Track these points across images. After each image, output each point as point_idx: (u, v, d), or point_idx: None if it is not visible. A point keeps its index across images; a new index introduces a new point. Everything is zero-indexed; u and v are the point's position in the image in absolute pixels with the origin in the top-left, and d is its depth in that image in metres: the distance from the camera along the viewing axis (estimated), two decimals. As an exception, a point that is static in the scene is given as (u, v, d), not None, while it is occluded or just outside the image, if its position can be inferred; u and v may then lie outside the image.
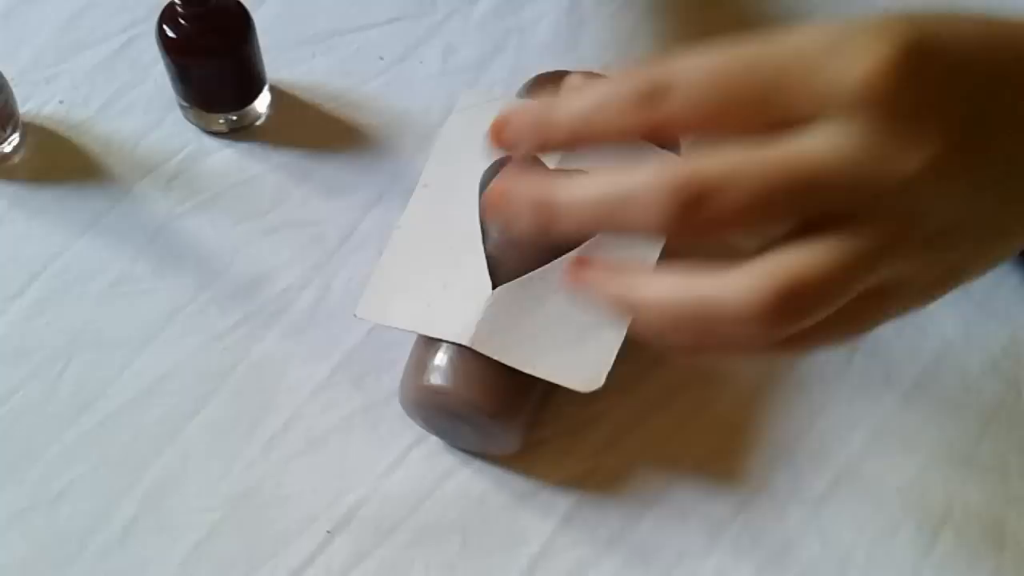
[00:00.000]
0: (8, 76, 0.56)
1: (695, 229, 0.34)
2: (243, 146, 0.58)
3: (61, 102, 0.59)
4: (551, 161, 0.47)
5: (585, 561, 0.48)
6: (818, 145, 0.33)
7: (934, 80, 0.33)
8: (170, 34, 0.54)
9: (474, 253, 0.46)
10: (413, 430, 0.50)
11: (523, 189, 0.37)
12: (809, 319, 0.34)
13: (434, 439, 0.50)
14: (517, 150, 0.38)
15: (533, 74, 0.52)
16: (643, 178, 0.34)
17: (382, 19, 0.62)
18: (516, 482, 0.50)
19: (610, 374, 0.45)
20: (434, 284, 0.47)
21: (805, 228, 0.34)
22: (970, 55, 0.35)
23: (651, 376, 0.52)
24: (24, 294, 0.54)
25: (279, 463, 0.50)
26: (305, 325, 0.53)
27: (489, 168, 0.49)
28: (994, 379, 0.53)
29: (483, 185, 0.49)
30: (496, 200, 0.37)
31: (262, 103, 0.58)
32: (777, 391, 0.52)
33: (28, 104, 0.59)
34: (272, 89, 0.59)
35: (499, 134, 0.38)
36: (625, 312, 0.36)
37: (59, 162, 0.57)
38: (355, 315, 0.47)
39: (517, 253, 0.47)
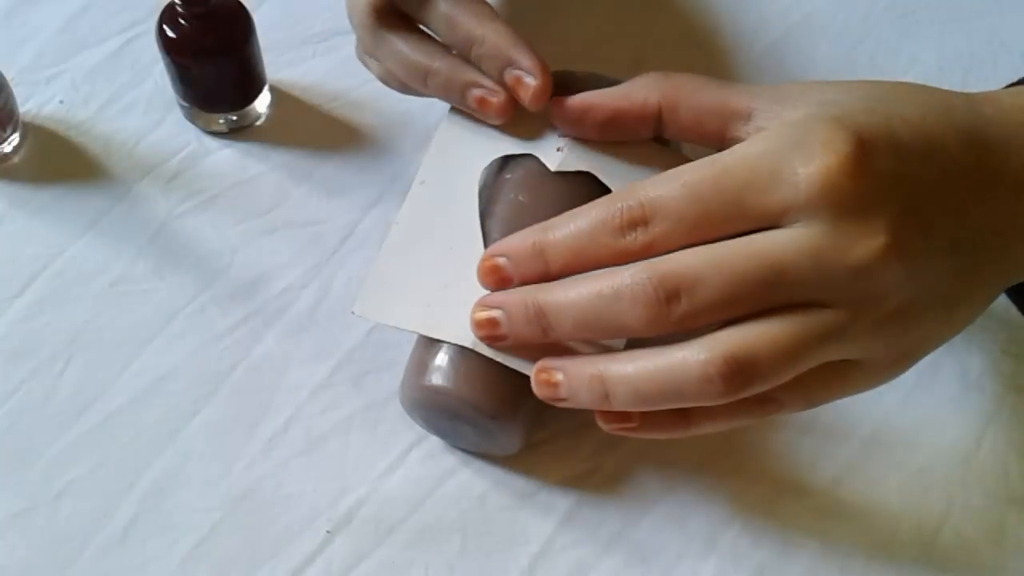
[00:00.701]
0: (8, 76, 0.56)
1: (674, 323, 0.38)
2: (243, 146, 0.58)
3: (61, 102, 0.59)
4: (552, 163, 0.47)
5: (585, 561, 0.48)
6: (783, 240, 0.37)
7: (879, 174, 0.37)
8: (170, 34, 0.54)
9: (474, 253, 0.46)
10: (413, 430, 0.50)
11: (515, 300, 0.41)
12: (759, 385, 0.38)
13: (434, 439, 0.50)
14: (512, 285, 0.42)
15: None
16: (623, 280, 0.38)
17: (382, 19, 0.61)
18: (516, 482, 0.50)
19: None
20: (434, 284, 0.47)
21: (768, 310, 0.38)
22: (911, 142, 0.38)
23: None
24: (24, 294, 0.54)
25: (279, 463, 0.50)
26: (305, 325, 0.53)
27: (489, 166, 0.49)
28: (994, 379, 0.53)
29: (482, 183, 0.49)
30: (486, 322, 0.42)
31: (262, 103, 0.58)
32: (777, 391, 0.52)
33: (28, 104, 0.59)
34: (272, 89, 0.59)
35: (492, 275, 0.43)
36: (599, 391, 0.40)
37: (59, 162, 0.57)
38: (352, 312, 0.47)
39: None
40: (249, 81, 0.57)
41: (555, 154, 0.48)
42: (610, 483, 0.50)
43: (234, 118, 0.58)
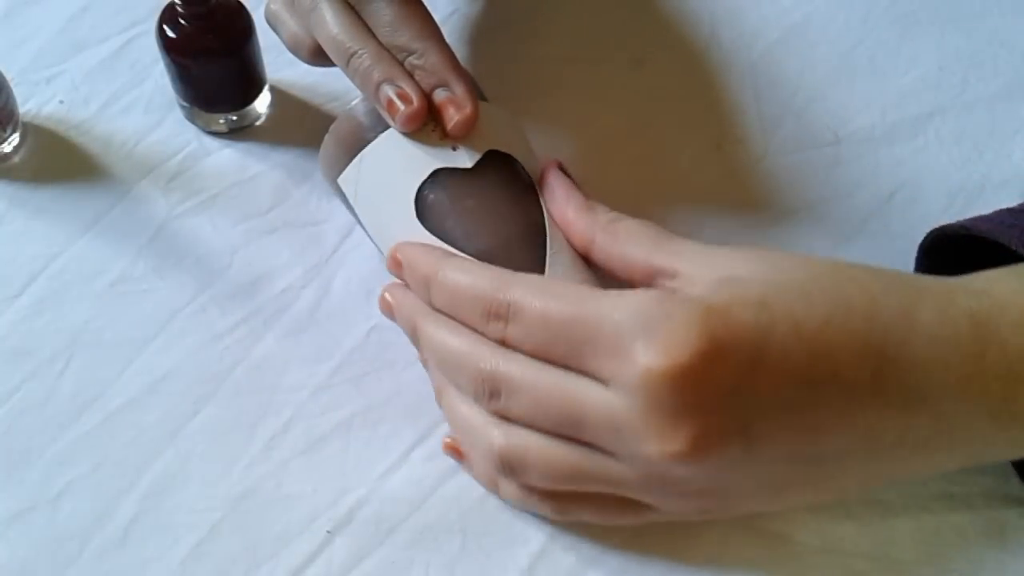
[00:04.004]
0: (8, 76, 0.56)
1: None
2: (243, 146, 0.58)
3: (61, 102, 0.59)
4: (460, 163, 0.47)
5: (585, 561, 0.48)
6: (596, 397, 0.40)
7: (707, 387, 0.38)
8: (170, 34, 0.54)
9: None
10: (414, 430, 0.50)
11: (403, 315, 0.48)
12: (524, 479, 0.44)
13: (435, 440, 0.50)
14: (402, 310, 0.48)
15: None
16: (472, 360, 0.43)
17: (382, 19, 0.61)
18: (516, 482, 0.50)
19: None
20: None
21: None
22: (787, 349, 0.39)
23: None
24: (24, 294, 0.54)
25: (279, 463, 0.50)
26: (305, 325, 0.53)
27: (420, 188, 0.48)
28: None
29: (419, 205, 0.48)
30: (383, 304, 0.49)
31: (262, 103, 0.58)
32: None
33: (28, 104, 0.59)
34: (272, 89, 0.59)
35: (394, 268, 0.47)
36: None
37: (59, 162, 0.57)
38: None
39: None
40: (249, 81, 0.57)
41: (455, 154, 0.48)
42: (610, 483, 0.50)
43: (234, 118, 0.58)
